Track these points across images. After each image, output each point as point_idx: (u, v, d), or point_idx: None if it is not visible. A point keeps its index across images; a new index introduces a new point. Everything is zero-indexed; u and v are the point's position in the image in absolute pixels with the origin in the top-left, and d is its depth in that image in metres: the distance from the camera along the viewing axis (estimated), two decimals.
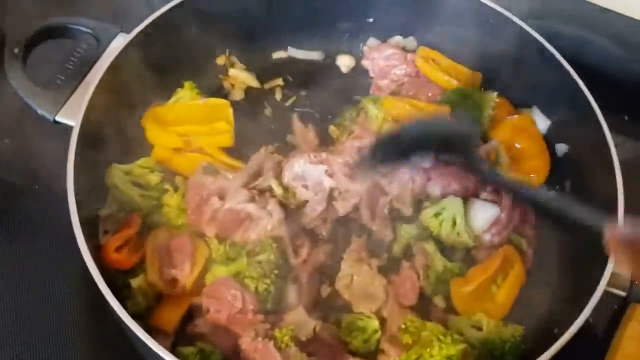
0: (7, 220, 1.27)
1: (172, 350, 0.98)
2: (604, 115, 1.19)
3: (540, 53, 1.29)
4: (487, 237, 1.19)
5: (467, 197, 1.20)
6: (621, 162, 1.13)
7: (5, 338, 1.14)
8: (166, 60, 1.29)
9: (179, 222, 1.14)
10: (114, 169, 1.15)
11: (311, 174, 1.18)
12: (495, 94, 1.32)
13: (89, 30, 1.23)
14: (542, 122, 1.34)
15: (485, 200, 1.21)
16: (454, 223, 1.16)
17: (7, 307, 1.17)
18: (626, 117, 1.50)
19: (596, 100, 1.21)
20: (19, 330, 1.15)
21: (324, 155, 1.20)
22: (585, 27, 1.57)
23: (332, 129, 1.34)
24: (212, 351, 0.99)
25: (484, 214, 1.18)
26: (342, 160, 1.19)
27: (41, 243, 1.23)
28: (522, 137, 1.30)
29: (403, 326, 1.05)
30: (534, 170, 1.28)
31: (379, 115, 1.30)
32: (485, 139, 1.29)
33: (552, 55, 1.28)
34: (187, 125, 1.22)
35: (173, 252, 1.09)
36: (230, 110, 1.26)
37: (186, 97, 1.28)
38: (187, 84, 1.30)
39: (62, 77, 1.18)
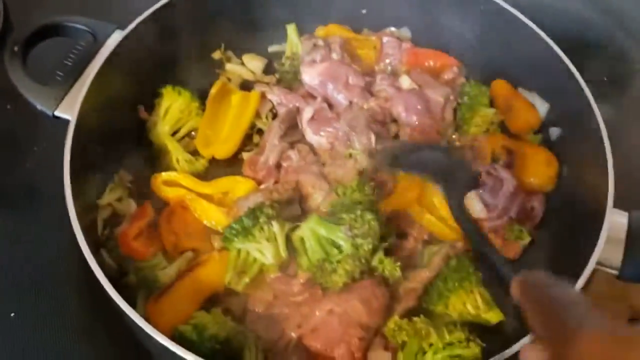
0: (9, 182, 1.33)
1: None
2: (586, 80, 1.22)
3: (520, 29, 1.31)
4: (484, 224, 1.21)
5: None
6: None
7: None
8: (161, 55, 1.31)
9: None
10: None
11: None
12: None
13: (86, 28, 1.26)
14: (541, 106, 1.35)
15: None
16: None
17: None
18: (605, 79, 1.53)
19: (574, 63, 1.23)
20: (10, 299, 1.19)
21: None
22: None
23: None
24: (205, 326, 1.01)
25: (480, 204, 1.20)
26: None
27: (38, 213, 1.28)
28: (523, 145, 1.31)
29: (393, 327, 1.05)
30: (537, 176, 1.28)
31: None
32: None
33: (533, 31, 1.30)
34: (240, 129, 1.32)
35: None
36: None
37: (179, 102, 1.30)
38: (166, 91, 1.30)
39: (61, 74, 1.20)
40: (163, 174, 1.25)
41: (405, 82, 1.35)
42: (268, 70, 1.46)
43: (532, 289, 0.84)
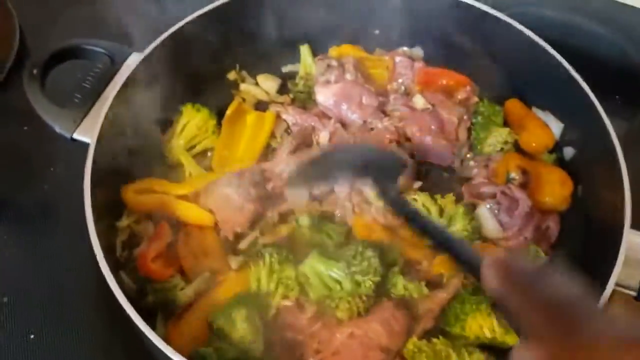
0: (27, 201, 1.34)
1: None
2: (599, 98, 1.22)
3: (532, 48, 1.32)
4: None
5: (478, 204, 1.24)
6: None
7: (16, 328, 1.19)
8: (177, 76, 1.32)
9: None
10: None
11: None
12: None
13: (103, 51, 1.28)
14: (555, 126, 1.35)
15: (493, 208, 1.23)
16: None
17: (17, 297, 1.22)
18: (617, 97, 1.53)
19: (587, 82, 1.24)
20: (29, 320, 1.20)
21: None
22: (572, 11, 1.65)
23: None
24: (226, 350, 1.01)
25: (494, 221, 1.21)
26: None
27: (55, 234, 1.29)
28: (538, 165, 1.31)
29: (412, 348, 1.05)
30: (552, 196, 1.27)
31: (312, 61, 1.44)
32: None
33: (544, 49, 1.30)
34: (255, 149, 1.32)
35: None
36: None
37: (197, 118, 1.31)
38: (185, 108, 1.32)
39: (79, 96, 1.22)
40: (133, 183, 1.23)
41: (419, 101, 1.36)
42: (282, 90, 1.47)
43: (515, 276, 0.72)
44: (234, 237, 1.20)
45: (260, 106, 1.43)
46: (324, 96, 1.37)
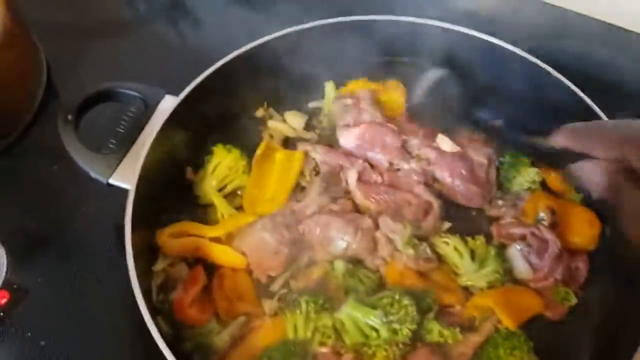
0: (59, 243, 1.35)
1: None
2: None
3: (553, 85, 1.33)
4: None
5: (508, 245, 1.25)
6: None
7: None
8: (209, 117, 1.35)
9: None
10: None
11: None
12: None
13: (136, 94, 1.29)
14: None
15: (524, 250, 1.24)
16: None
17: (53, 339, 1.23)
18: None
19: (604, 111, 1.26)
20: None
21: None
22: (590, 42, 1.67)
23: None
24: None
25: (524, 263, 1.22)
26: None
27: (89, 276, 1.30)
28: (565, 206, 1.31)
29: None
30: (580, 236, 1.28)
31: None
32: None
33: (571, 90, 1.31)
34: (285, 188, 1.33)
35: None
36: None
37: (228, 159, 1.33)
38: (217, 149, 1.34)
39: (114, 141, 1.23)
40: (168, 227, 1.24)
41: (446, 144, 1.37)
42: (309, 126, 1.48)
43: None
44: (266, 279, 1.22)
45: (288, 142, 1.45)
46: (345, 139, 1.38)
